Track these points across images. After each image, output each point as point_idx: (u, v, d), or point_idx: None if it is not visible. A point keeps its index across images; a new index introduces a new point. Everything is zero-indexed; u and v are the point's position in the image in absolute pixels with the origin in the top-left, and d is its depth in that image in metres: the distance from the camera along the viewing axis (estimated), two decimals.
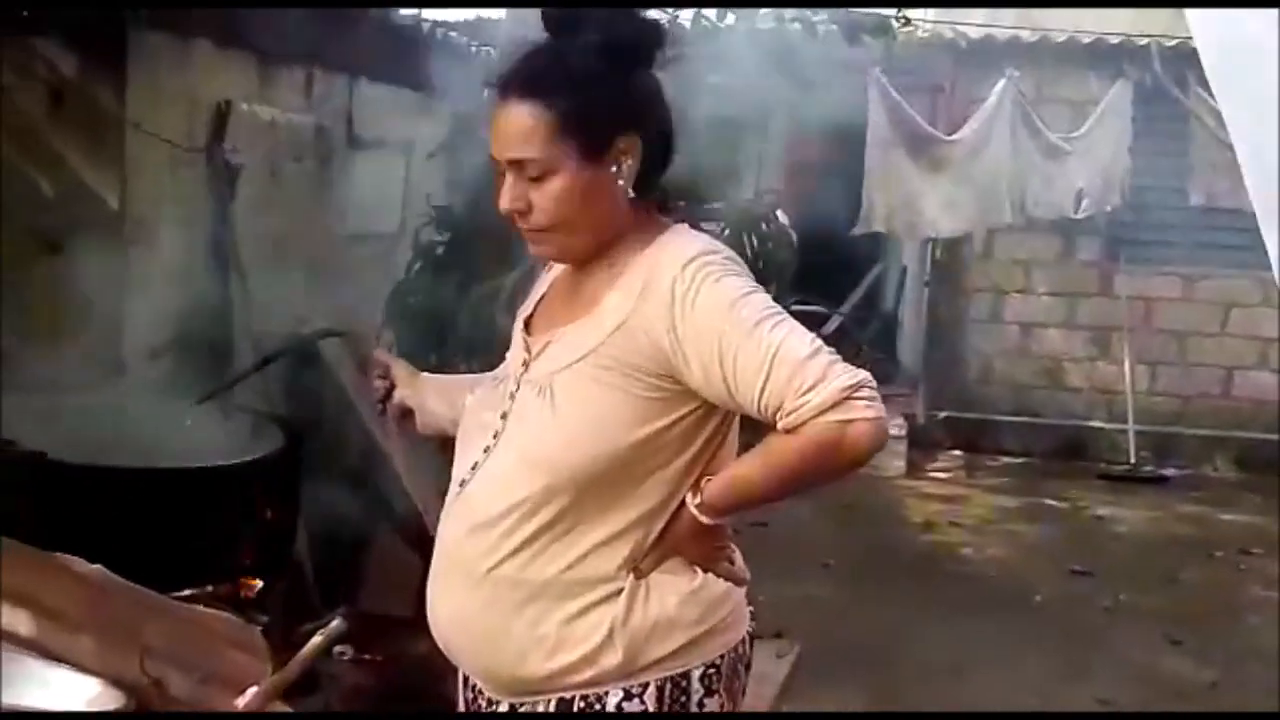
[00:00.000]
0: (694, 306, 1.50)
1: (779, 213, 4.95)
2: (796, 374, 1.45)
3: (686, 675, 1.57)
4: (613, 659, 1.55)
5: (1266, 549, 5.90)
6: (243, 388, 3.29)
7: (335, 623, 1.75)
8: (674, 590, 1.57)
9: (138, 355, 3.24)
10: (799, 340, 1.48)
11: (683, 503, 1.57)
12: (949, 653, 4.31)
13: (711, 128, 5.62)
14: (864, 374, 1.47)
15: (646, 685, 1.56)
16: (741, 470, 1.56)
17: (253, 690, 1.62)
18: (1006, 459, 7.77)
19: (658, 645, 1.56)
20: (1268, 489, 6.99)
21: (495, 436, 1.63)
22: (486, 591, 1.58)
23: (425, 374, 1.97)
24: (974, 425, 8.01)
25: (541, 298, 1.75)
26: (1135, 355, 7.84)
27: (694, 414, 1.55)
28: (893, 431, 7.62)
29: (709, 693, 1.58)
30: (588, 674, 1.56)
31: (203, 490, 2.46)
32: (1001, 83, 6.56)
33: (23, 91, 3.11)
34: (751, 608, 1.76)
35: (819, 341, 1.49)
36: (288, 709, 1.67)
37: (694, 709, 1.57)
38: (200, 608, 1.78)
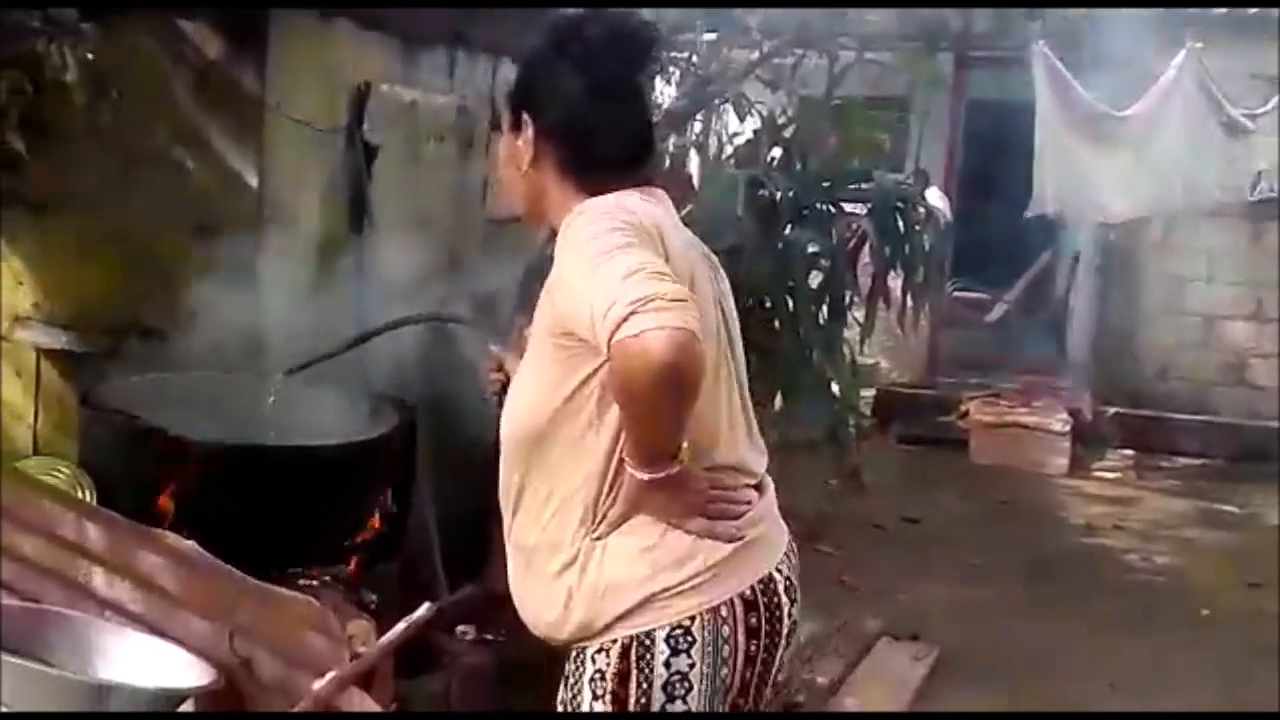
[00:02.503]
0: (561, 259, 1.60)
1: (931, 193, 4.73)
2: (603, 302, 1.47)
3: (651, 635, 1.60)
4: (577, 618, 1.63)
5: None
6: (368, 368, 3.34)
7: (423, 609, 1.71)
8: (624, 549, 1.61)
9: (275, 336, 3.30)
10: (623, 267, 1.50)
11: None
12: (1104, 667, 4.04)
13: (862, 108, 5.45)
14: (663, 284, 1.47)
15: (615, 641, 1.61)
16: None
17: (330, 674, 1.60)
18: (1181, 460, 7.29)
19: (612, 604, 1.61)
20: None
21: None
22: (513, 551, 1.73)
23: None
24: (1146, 423, 7.55)
25: None
26: None
27: (603, 366, 1.55)
28: (1055, 426, 7.29)
29: (676, 652, 1.59)
30: (566, 633, 1.65)
31: (318, 470, 2.47)
32: (1181, 54, 6.11)
33: (171, 75, 3.20)
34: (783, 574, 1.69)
35: (647, 263, 1.50)
36: (365, 695, 1.64)
37: (660, 670, 1.59)
38: (284, 590, 1.77)
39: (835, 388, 4.46)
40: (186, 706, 1.80)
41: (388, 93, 3.86)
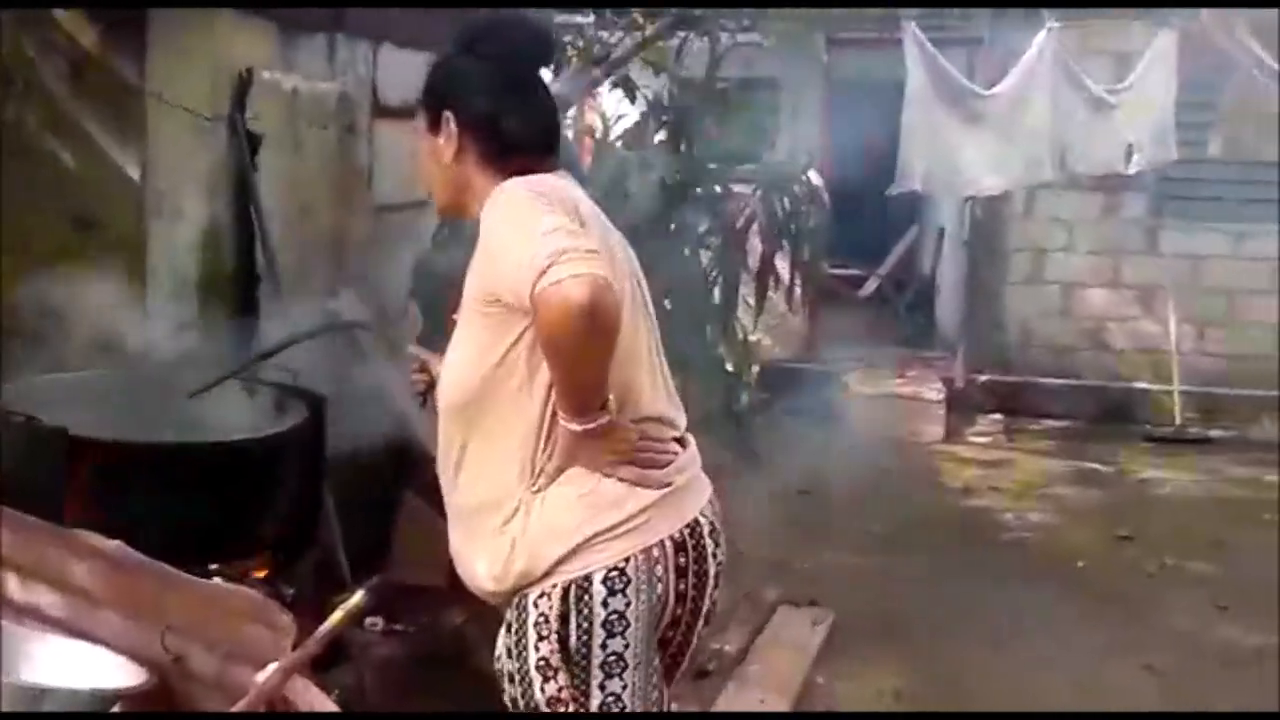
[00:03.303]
0: (486, 234, 1.74)
1: (812, 174, 4.85)
2: (526, 258, 1.61)
3: (589, 578, 1.72)
4: (519, 567, 1.75)
5: None
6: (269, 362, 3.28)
7: (358, 596, 1.72)
8: (563, 497, 1.74)
9: (162, 330, 3.22)
10: (536, 229, 1.64)
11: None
12: (989, 622, 4.24)
13: (742, 89, 5.55)
14: (577, 239, 1.62)
15: (555, 586, 1.73)
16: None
17: (273, 666, 1.59)
18: (1048, 422, 7.65)
19: (551, 548, 1.73)
20: None
21: None
22: (454, 516, 1.86)
23: None
24: (1014, 388, 7.88)
25: None
26: (1181, 315, 7.67)
27: (529, 329, 1.69)
28: (930, 395, 7.56)
29: (613, 593, 1.72)
30: (509, 583, 1.76)
31: (226, 465, 2.42)
32: (1042, 34, 6.38)
33: (44, 64, 3.07)
34: (707, 518, 1.84)
35: (560, 224, 1.65)
36: (310, 683, 1.64)
37: (599, 609, 1.72)
38: (220, 583, 1.75)
39: (729, 365, 4.56)
40: (115, 707, 1.77)
41: (269, 80, 3.79)
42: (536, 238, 1.63)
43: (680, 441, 1.89)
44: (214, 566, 2.37)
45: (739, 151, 4.48)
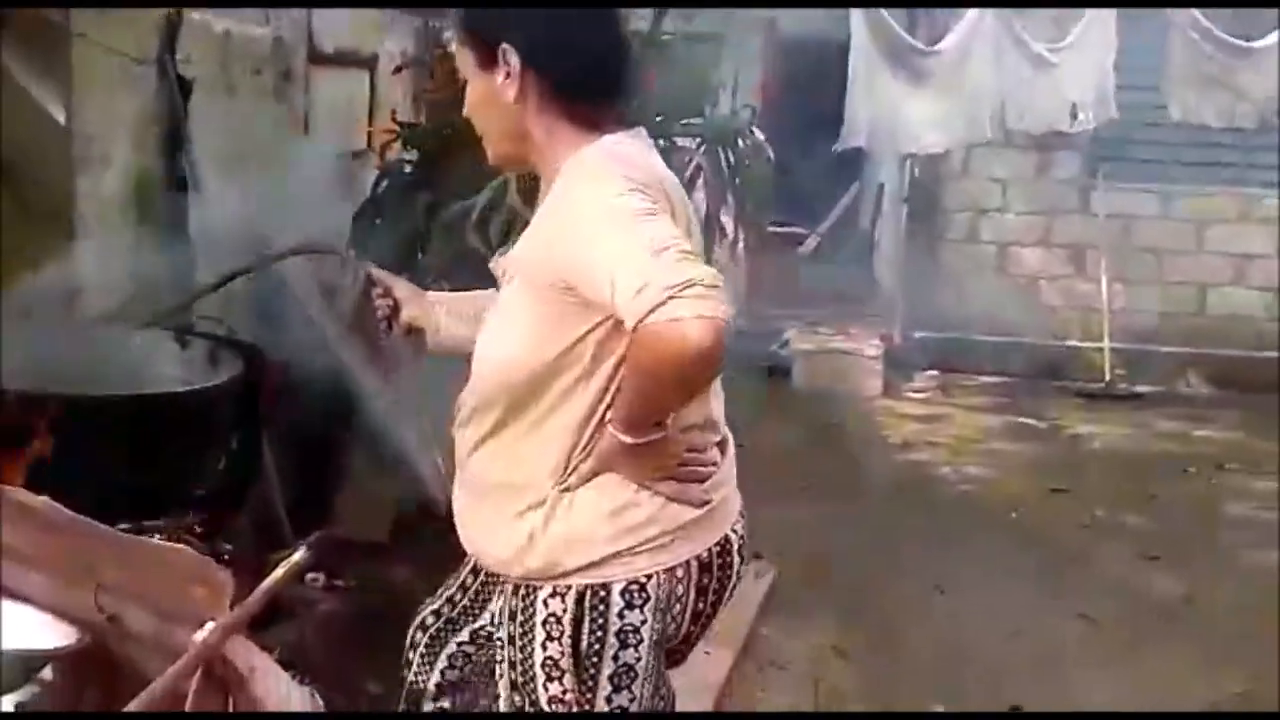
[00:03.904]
0: (574, 217, 1.55)
1: (755, 129, 4.81)
2: (635, 275, 1.44)
3: (607, 587, 1.62)
4: (534, 561, 1.64)
5: (1241, 465, 5.92)
6: (202, 312, 3.20)
7: (299, 553, 1.67)
8: (593, 507, 1.62)
9: (91, 280, 3.11)
10: (649, 239, 1.46)
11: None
12: (929, 573, 4.30)
13: (686, 42, 5.48)
14: (701, 270, 1.45)
15: (570, 588, 1.63)
16: (622, 384, 1.58)
17: (211, 624, 1.55)
18: (984, 379, 7.75)
19: (572, 557, 1.63)
20: (1242, 405, 7.02)
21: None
22: (466, 480, 1.74)
23: (431, 293, 2.01)
24: (951, 345, 7.97)
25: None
26: (1112, 273, 7.80)
27: (604, 324, 1.56)
28: (869, 352, 7.61)
29: (630, 606, 1.62)
30: (519, 570, 1.66)
31: (160, 418, 2.36)
32: None
33: None
34: (738, 534, 1.72)
35: (674, 240, 1.48)
36: (250, 642, 1.60)
37: (614, 620, 1.62)
38: (156, 541, 1.70)
39: None
40: (47, 670, 1.71)
41: (199, 22, 3.66)
42: (646, 255, 1.44)
43: (721, 445, 1.75)
44: (149, 523, 2.32)
45: (683, 105, 4.42)
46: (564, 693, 1.65)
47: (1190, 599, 4.23)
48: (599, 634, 1.62)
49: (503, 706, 1.73)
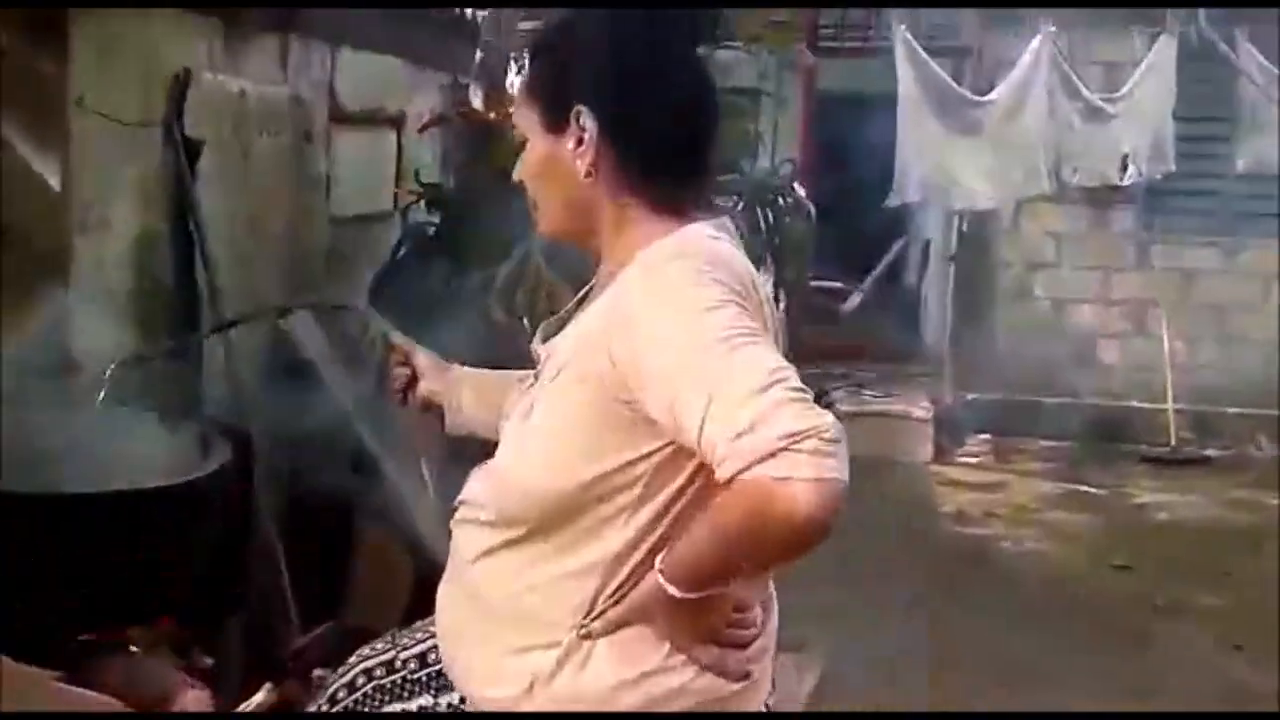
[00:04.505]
0: (649, 319, 1.29)
1: (796, 185, 4.60)
2: (737, 412, 1.19)
3: None
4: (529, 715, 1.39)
5: None
6: (197, 389, 2.99)
7: (262, 693, 1.42)
8: (613, 668, 1.35)
9: (88, 360, 2.92)
10: (753, 370, 1.21)
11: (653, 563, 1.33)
12: (991, 665, 3.97)
13: (723, 97, 5.31)
14: (821, 419, 1.19)
15: None
16: (692, 530, 1.30)
17: None
18: (1040, 442, 7.40)
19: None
20: None
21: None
22: (464, 586, 1.48)
23: (457, 367, 1.77)
24: (1004, 407, 7.64)
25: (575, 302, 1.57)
26: (1174, 331, 7.45)
27: (665, 449, 1.31)
28: (918, 414, 7.31)
29: None
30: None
31: (138, 518, 2.13)
32: (1037, 40, 6.15)
33: None
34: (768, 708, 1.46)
35: (784, 373, 1.22)
36: None
37: None
38: (86, 692, 1.46)
39: None
40: None
41: (212, 82, 3.50)
42: (748, 384, 1.19)
43: (764, 603, 1.47)
44: (119, 633, 2.09)
45: (720, 161, 4.22)
46: None
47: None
48: None
49: None
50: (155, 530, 2.18)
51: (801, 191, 5.08)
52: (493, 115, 3.92)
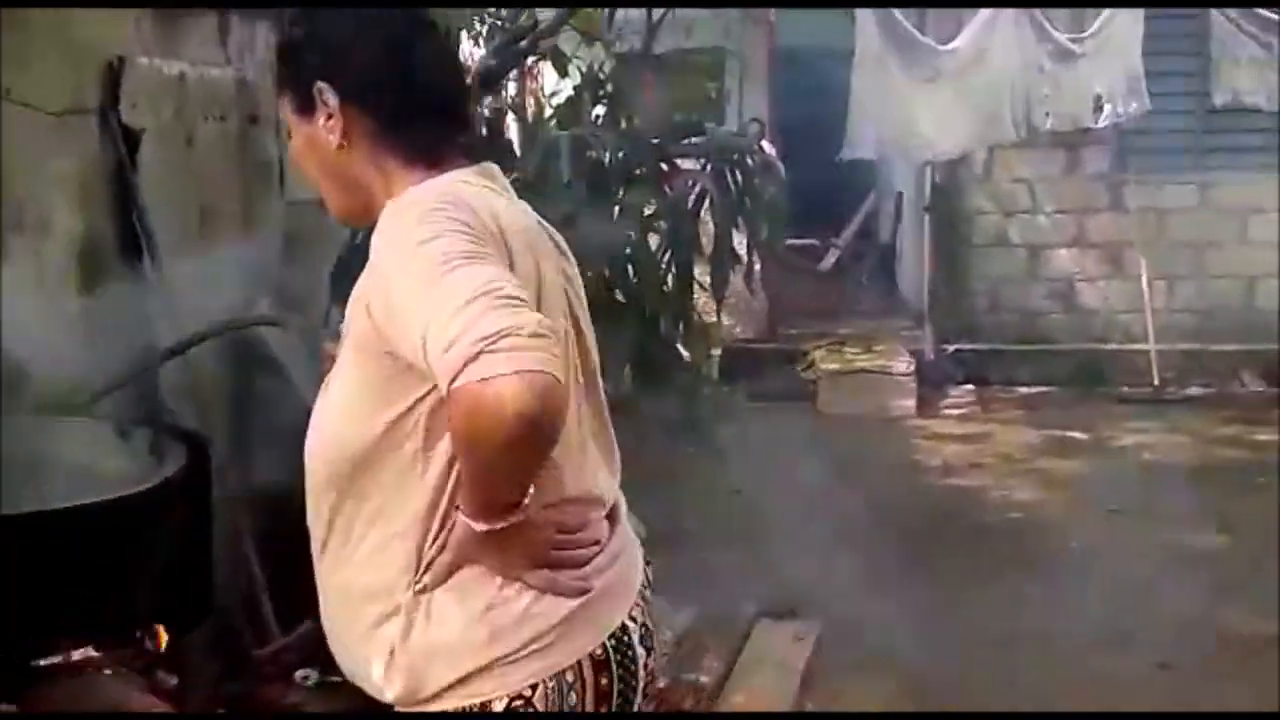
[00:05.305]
0: (383, 267, 1.34)
1: (765, 144, 4.47)
2: (446, 327, 1.22)
3: (487, 705, 1.38)
4: (402, 682, 1.39)
5: None
6: (154, 395, 2.86)
7: None
8: (459, 608, 1.38)
9: (34, 365, 2.78)
10: (462, 287, 1.24)
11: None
12: (988, 621, 3.90)
13: (683, 56, 5.16)
14: (518, 316, 1.22)
15: (443, 714, 1.38)
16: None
17: None
18: (1022, 390, 7.34)
19: (438, 672, 1.38)
20: None
21: None
22: (321, 589, 1.50)
23: None
24: (985, 357, 7.58)
25: None
26: (1151, 271, 7.39)
27: (434, 391, 1.31)
28: (899, 369, 7.22)
29: None
30: (391, 694, 1.40)
31: (90, 533, 2.00)
32: None
33: None
34: (638, 622, 1.47)
35: (494, 285, 1.25)
36: None
37: None
38: None
39: (686, 355, 4.18)
40: None
41: (148, 67, 3.33)
42: (458, 303, 1.22)
43: (610, 517, 1.50)
44: (73, 653, 1.98)
45: (683, 124, 4.08)
46: None
47: None
48: None
49: None
50: (108, 544, 2.06)
51: (771, 150, 4.95)
52: None
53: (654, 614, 1.53)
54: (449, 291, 1.23)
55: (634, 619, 1.47)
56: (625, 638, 1.44)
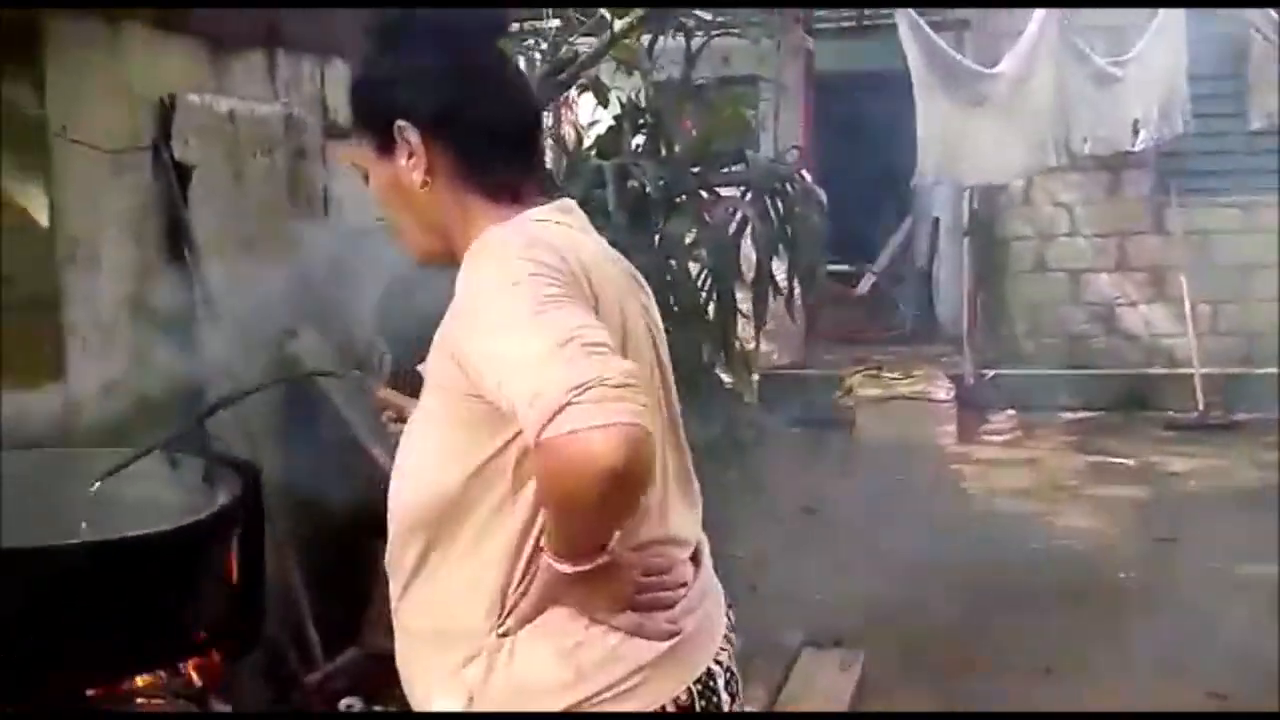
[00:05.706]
0: (468, 308, 1.33)
1: (804, 172, 4.48)
2: (531, 378, 1.21)
3: None
4: None
5: None
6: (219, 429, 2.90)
7: None
8: (535, 652, 1.35)
9: (86, 394, 2.83)
10: (546, 334, 1.22)
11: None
12: (1035, 652, 3.84)
13: (720, 85, 5.18)
14: (605, 366, 1.19)
15: None
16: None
17: None
18: (1065, 415, 7.27)
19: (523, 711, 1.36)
20: None
21: None
22: (400, 630, 1.48)
23: None
24: (1026, 382, 7.51)
25: None
26: (1195, 294, 7.31)
27: (522, 436, 1.27)
28: (940, 395, 7.17)
29: None
30: None
31: (145, 563, 2.03)
32: (1041, 10, 6.00)
33: None
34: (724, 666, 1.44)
35: (580, 331, 1.22)
36: None
37: None
38: None
39: (728, 382, 4.18)
40: None
41: (199, 104, 3.40)
42: (545, 351, 1.20)
43: (694, 558, 1.47)
44: (130, 681, 2.00)
45: (723, 152, 4.10)
46: None
47: None
48: None
49: None
50: (165, 574, 2.08)
51: (809, 178, 4.95)
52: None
53: (737, 661, 1.50)
54: (534, 338, 1.21)
55: (719, 662, 1.44)
56: (712, 683, 1.41)
